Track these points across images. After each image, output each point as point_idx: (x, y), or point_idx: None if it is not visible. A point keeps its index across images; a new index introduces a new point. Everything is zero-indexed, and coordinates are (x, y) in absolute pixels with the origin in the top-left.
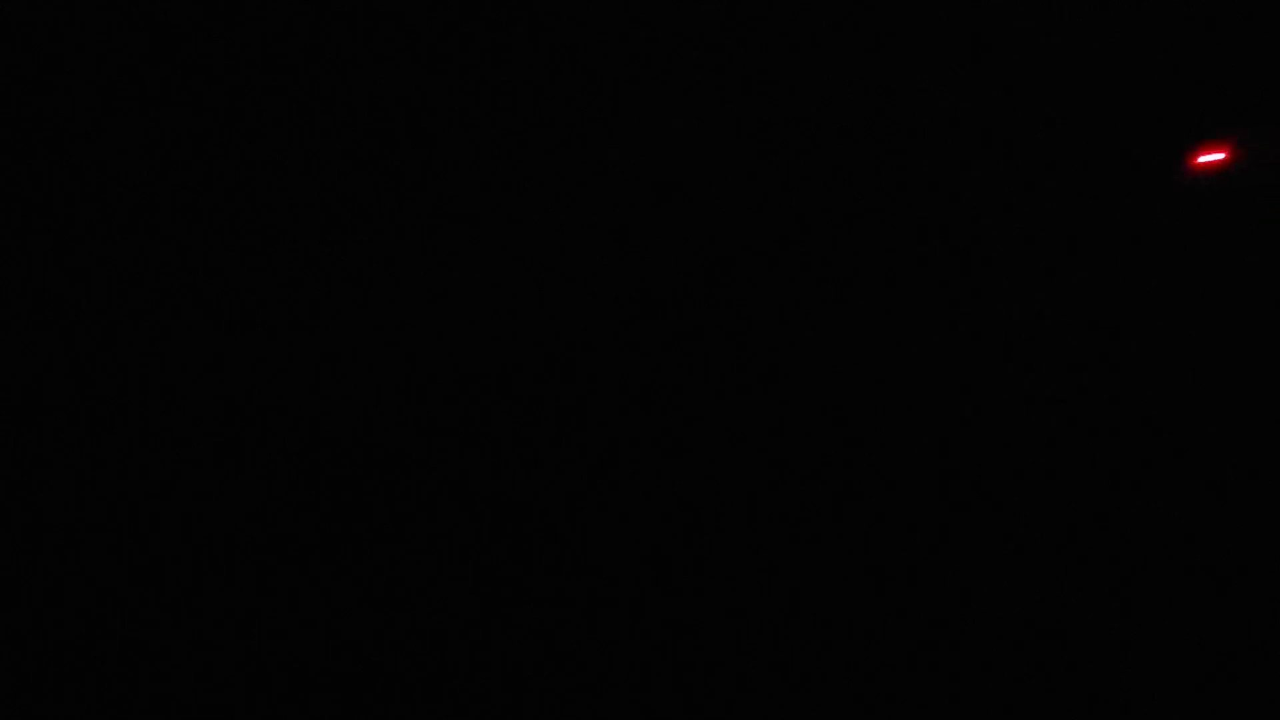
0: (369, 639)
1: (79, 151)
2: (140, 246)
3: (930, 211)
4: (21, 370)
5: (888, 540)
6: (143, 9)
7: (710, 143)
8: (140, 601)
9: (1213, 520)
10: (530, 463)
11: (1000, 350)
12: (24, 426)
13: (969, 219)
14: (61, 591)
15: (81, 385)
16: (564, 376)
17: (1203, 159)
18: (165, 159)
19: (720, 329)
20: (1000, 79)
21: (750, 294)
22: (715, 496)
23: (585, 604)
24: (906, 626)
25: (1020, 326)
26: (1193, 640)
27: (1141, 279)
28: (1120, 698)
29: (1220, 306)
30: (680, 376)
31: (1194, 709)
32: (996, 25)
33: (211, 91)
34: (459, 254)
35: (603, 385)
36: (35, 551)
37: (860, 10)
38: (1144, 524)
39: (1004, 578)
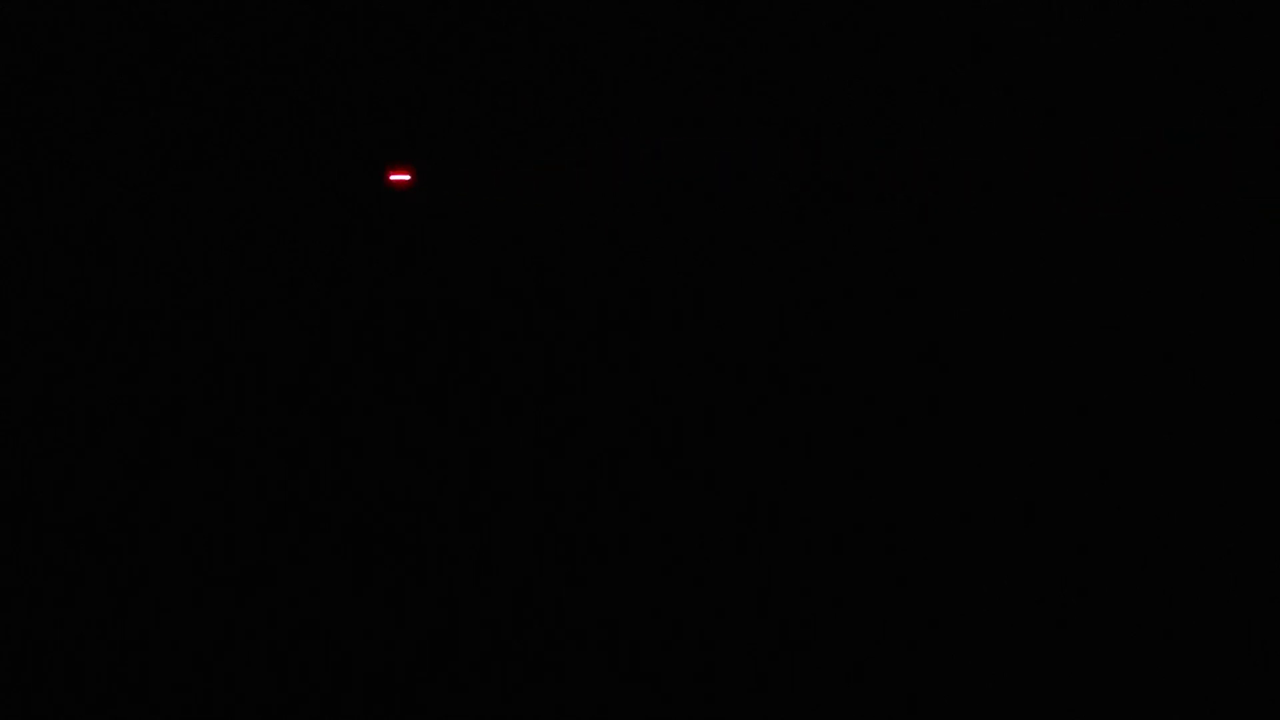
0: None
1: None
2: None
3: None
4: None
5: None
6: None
7: (708, 142)
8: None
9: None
10: (527, 461)
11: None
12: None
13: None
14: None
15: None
16: (562, 375)
17: (393, 177)
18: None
19: (717, 329)
20: None
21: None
22: (712, 496)
23: (577, 605)
24: (905, 627)
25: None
26: (1191, 640)
27: None
28: (1120, 698)
29: None
30: (679, 376)
31: (1194, 709)
32: None
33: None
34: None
35: (599, 384)
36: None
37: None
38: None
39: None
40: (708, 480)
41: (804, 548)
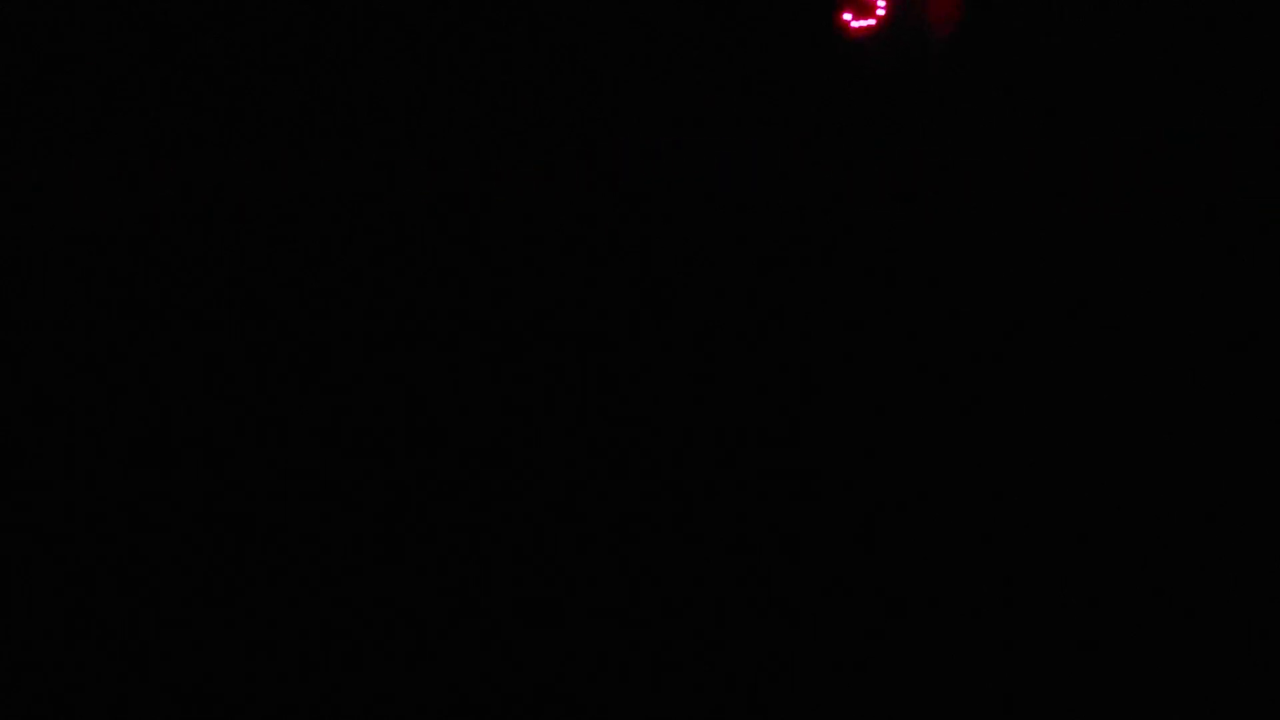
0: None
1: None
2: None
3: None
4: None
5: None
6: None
7: (705, 142)
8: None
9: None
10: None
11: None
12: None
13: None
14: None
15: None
16: (560, 375)
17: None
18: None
19: (716, 329)
20: None
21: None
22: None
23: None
24: (906, 627)
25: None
26: (1191, 641)
27: None
28: (1120, 698)
29: None
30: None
31: (1194, 709)
32: None
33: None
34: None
35: (598, 385)
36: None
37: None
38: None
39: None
40: (706, 480)
41: (805, 547)
